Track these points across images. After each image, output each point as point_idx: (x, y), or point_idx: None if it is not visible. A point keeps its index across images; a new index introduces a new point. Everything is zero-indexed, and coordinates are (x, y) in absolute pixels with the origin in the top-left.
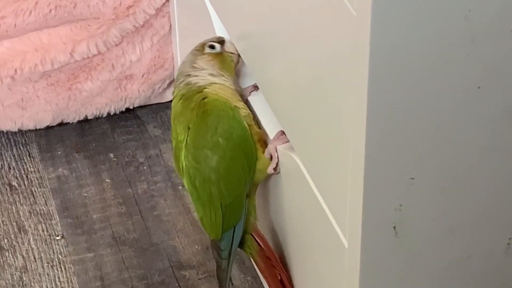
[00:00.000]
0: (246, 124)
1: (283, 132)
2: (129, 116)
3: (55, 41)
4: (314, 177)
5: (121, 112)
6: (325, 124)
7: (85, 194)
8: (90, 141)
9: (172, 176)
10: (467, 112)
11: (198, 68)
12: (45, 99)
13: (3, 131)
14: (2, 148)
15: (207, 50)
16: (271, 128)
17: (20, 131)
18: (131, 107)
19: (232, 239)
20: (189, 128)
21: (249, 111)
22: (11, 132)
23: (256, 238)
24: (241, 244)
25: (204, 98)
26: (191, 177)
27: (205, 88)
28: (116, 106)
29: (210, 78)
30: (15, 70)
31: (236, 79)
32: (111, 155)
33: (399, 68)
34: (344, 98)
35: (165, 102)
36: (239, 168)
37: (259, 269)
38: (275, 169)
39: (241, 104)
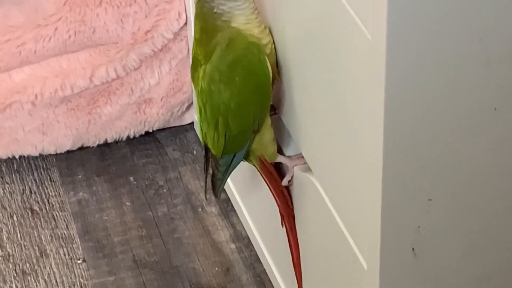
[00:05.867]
0: (269, 68)
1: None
2: (149, 139)
3: (75, 66)
4: (332, 199)
5: (141, 136)
6: (343, 146)
7: (106, 218)
8: (110, 165)
9: (191, 199)
10: (484, 133)
11: None
12: (65, 123)
13: (24, 156)
14: (24, 172)
15: None
16: (287, 151)
17: (41, 155)
18: (151, 131)
19: (231, 161)
20: (210, 56)
21: (272, 43)
22: (32, 156)
23: (264, 162)
24: (247, 157)
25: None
26: (203, 100)
27: (231, 21)
28: (135, 129)
29: (248, 9)
30: (36, 96)
31: None
32: (131, 178)
33: (415, 91)
34: (361, 120)
35: (184, 125)
36: (250, 107)
37: (261, 175)
38: (289, 181)
39: (267, 38)
